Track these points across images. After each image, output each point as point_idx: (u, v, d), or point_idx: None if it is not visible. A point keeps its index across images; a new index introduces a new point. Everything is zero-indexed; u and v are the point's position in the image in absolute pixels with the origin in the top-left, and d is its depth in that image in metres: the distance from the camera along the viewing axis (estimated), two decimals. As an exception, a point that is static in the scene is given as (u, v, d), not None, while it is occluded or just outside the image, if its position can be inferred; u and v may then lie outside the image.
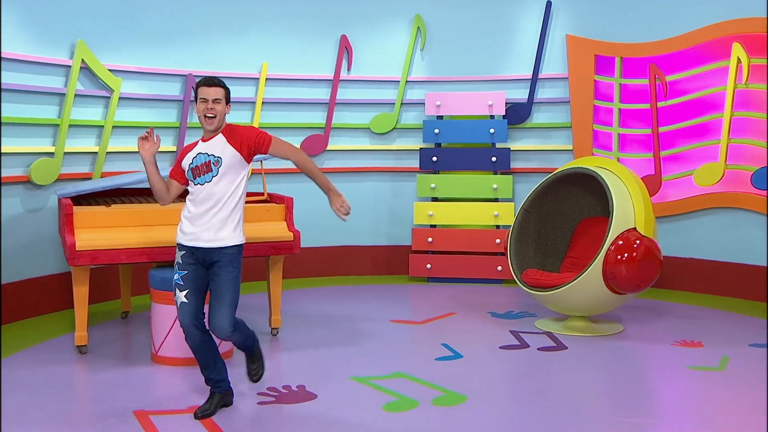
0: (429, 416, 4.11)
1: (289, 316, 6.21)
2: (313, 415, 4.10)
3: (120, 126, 6.85)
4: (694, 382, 4.76)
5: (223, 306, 4.00)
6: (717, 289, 7.15)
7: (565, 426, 3.98)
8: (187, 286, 4.06)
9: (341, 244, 8.12)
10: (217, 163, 4.05)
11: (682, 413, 4.25)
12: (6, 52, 5.91)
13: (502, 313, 6.40)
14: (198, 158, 4.09)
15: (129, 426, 3.92)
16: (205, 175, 4.06)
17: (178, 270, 4.10)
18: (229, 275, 4.04)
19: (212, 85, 4.05)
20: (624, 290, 5.50)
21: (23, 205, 6.21)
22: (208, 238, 4.03)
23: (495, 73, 7.93)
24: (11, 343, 5.47)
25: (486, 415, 4.12)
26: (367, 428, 3.94)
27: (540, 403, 4.34)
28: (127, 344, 5.53)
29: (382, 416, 4.10)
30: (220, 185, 4.06)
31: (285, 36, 7.72)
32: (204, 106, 4.04)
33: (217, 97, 4.04)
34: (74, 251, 4.92)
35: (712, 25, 6.94)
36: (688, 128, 7.23)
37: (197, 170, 4.07)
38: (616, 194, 5.59)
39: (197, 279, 4.09)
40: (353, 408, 4.22)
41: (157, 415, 4.08)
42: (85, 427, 3.99)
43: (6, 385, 4.55)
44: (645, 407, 4.30)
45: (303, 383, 4.59)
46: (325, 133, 7.89)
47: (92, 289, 6.50)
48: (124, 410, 4.14)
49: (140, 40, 6.99)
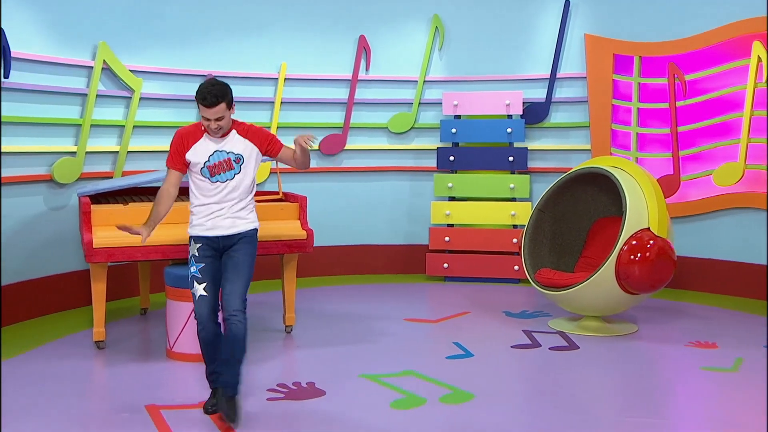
0: (435, 414, 4.14)
1: (303, 314, 6.27)
2: (320, 412, 4.16)
3: (141, 126, 6.97)
4: (706, 383, 4.74)
5: (240, 279, 4.06)
6: (736, 290, 7.09)
7: (572, 425, 4.00)
8: (205, 278, 4.10)
9: (359, 243, 8.17)
10: (239, 160, 4.14)
11: (692, 414, 4.24)
12: (29, 54, 6.04)
13: (516, 313, 6.41)
14: (215, 156, 4.12)
15: (140, 420, 4.01)
16: (226, 173, 4.13)
17: (195, 263, 4.13)
18: (247, 253, 4.15)
19: (211, 106, 3.99)
20: (637, 290, 5.48)
21: (46, 203, 6.35)
22: (228, 225, 4.13)
23: (513, 73, 7.93)
24: (32, 338, 5.61)
25: (492, 413, 4.15)
26: (373, 425, 3.98)
27: (547, 402, 4.36)
28: (143, 340, 5.63)
29: (389, 413, 4.14)
30: (245, 181, 4.17)
31: (304, 36, 7.79)
32: (208, 124, 4.06)
33: (219, 116, 4.03)
34: (91, 248, 5.03)
35: (732, 24, 6.89)
36: (707, 128, 7.18)
37: (215, 168, 4.12)
38: (629, 194, 5.58)
39: (214, 271, 4.14)
40: (361, 405, 4.27)
41: (167, 409, 4.16)
42: (97, 420, 4.09)
43: (24, 378, 4.67)
44: (654, 407, 4.29)
45: (313, 380, 4.64)
46: (344, 133, 7.95)
47: (113, 286, 6.63)
48: (136, 404, 4.23)
49: (161, 40, 7.10)
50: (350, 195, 8.11)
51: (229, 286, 4.06)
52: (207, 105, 3.99)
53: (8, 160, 5.94)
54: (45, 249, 6.32)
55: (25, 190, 6.15)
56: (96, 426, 4.00)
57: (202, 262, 4.12)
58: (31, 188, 6.22)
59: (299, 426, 4.03)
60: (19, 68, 5.97)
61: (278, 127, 7.72)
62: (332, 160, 8.01)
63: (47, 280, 6.34)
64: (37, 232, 6.26)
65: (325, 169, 7.99)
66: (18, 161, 6.06)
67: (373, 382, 4.63)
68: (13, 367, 4.89)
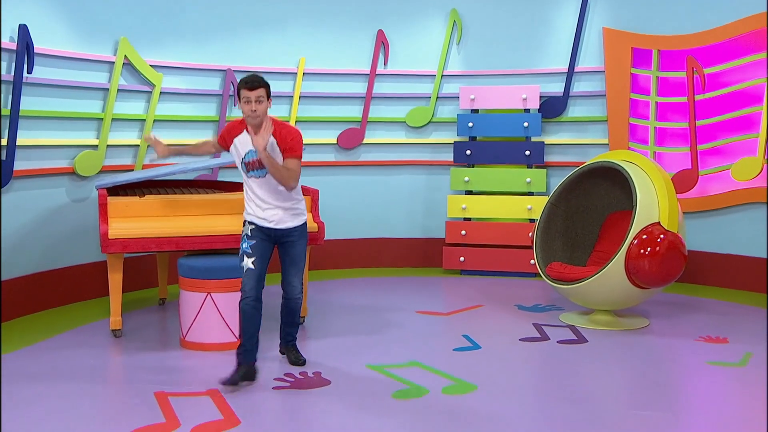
0: (436, 404, 4.20)
1: (318, 306, 6.37)
2: (323, 401, 4.24)
3: (161, 120, 7.11)
4: (710, 377, 4.73)
5: (299, 271, 4.65)
6: (754, 286, 7.02)
7: (574, 418, 4.03)
8: (254, 254, 4.46)
9: (377, 237, 8.25)
10: None
11: (694, 408, 4.25)
12: (53, 50, 6.20)
13: (529, 306, 6.44)
14: (250, 153, 4.46)
15: (148, 406, 4.12)
16: (259, 170, 4.46)
17: (247, 239, 4.49)
18: (302, 246, 4.63)
19: (254, 88, 4.32)
20: (647, 285, 5.48)
21: (68, 195, 6.51)
22: (278, 220, 4.50)
23: (531, 67, 7.93)
24: (53, 326, 5.77)
25: (493, 405, 4.20)
26: (374, 415, 4.06)
27: (550, 395, 4.40)
28: (159, 330, 5.76)
29: (390, 403, 4.21)
30: (273, 180, 4.46)
31: (322, 31, 7.87)
32: (248, 108, 4.33)
33: (259, 97, 4.33)
34: (106, 239, 5.17)
35: (751, 17, 6.82)
36: (726, 122, 7.13)
37: (251, 165, 4.47)
38: (640, 188, 5.57)
39: (263, 249, 4.50)
40: (363, 395, 4.34)
41: (176, 396, 4.27)
42: (106, 406, 4.21)
43: (42, 365, 4.83)
44: (657, 401, 4.29)
45: (319, 370, 4.73)
46: (362, 127, 8.02)
47: (133, 277, 6.83)
48: (146, 391, 4.34)
49: (181, 36, 7.23)
50: (368, 188, 8.18)
51: (290, 277, 4.65)
52: (249, 87, 4.30)
53: (32, 152, 6.11)
54: (67, 240, 6.48)
55: (48, 182, 6.32)
56: (105, 411, 4.13)
57: (253, 239, 4.49)
58: (54, 180, 6.39)
59: (301, 414, 4.11)
60: (43, 64, 6.12)
61: (297, 120, 7.81)
62: (350, 153, 8.09)
63: (69, 270, 6.50)
64: (59, 223, 6.42)
65: (343, 163, 8.07)
66: (41, 154, 6.22)
67: (379, 373, 4.70)
68: (32, 354, 5.06)
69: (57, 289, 6.38)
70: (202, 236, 5.36)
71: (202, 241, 5.37)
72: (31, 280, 6.16)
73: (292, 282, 4.66)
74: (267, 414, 4.07)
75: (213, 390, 4.36)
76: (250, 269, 4.44)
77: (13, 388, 4.38)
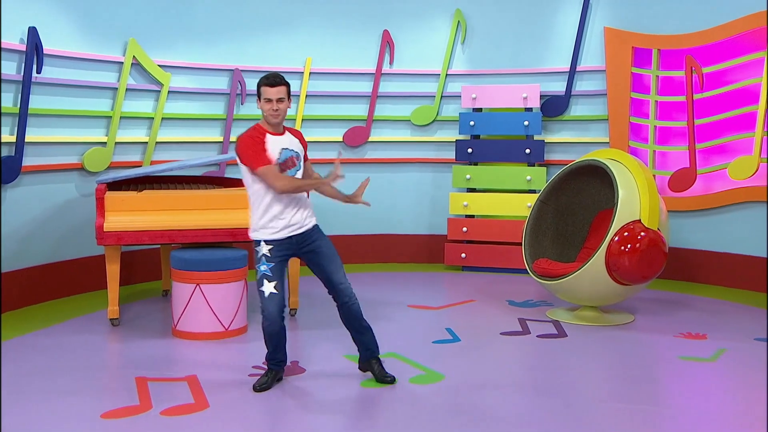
0: (401, 393, 4.35)
1: (315, 299, 6.53)
2: (292, 388, 4.43)
3: (169, 118, 7.37)
4: (677, 371, 4.80)
5: (340, 268, 4.41)
6: (750, 284, 7.02)
7: (533, 407, 4.15)
8: (275, 277, 4.29)
9: (384, 233, 8.41)
10: (298, 158, 4.37)
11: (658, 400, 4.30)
12: (63, 51, 6.50)
13: (520, 302, 6.54)
14: (284, 153, 4.29)
15: (126, 390, 4.35)
16: (291, 170, 4.31)
17: (266, 262, 4.29)
18: (330, 243, 4.44)
19: (275, 85, 4.20)
20: (627, 281, 5.56)
21: (77, 190, 6.80)
22: (301, 223, 4.34)
23: (534, 66, 8.01)
24: (58, 314, 6.07)
25: (453, 394, 4.34)
26: (338, 400, 4.24)
27: (511, 385, 4.52)
28: (156, 319, 6.00)
29: (358, 391, 4.38)
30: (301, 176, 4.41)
31: (328, 31, 8.06)
32: (269, 107, 4.22)
33: (280, 96, 4.22)
34: (102, 232, 5.43)
35: (749, 16, 6.82)
36: (724, 120, 7.13)
37: (285, 165, 4.28)
38: (623, 186, 5.65)
39: (283, 269, 4.37)
40: (334, 383, 4.51)
41: (155, 381, 4.50)
42: (86, 387, 4.42)
43: (39, 350, 5.12)
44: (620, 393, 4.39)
45: (298, 359, 4.92)
46: (367, 125, 8.19)
47: (140, 269, 7.10)
48: (129, 376, 4.58)
49: (189, 36, 7.49)
50: (373, 186, 8.14)
51: (335, 276, 4.38)
52: (271, 84, 4.20)
53: (42, 149, 6.42)
54: (76, 233, 6.77)
55: (58, 177, 6.62)
56: (85, 393, 4.33)
57: (272, 262, 4.29)
58: (64, 176, 6.69)
59: (267, 400, 4.27)
60: (54, 64, 6.42)
61: (303, 119, 8.01)
62: (356, 151, 8.27)
63: (77, 261, 6.80)
64: (68, 217, 6.72)
65: (349, 161, 8.23)
66: (52, 150, 6.53)
67: (354, 363, 4.85)
68: (31, 340, 5.35)
69: (65, 280, 6.68)
70: (195, 230, 5.60)
71: (194, 235, 5.60)
72: (40, 271, 6.46)
73: (340, 281, 4.39)
74: (236, 400, 4.26)
75: (191, 376, 4.58)
76: (273, 293, 4.28)
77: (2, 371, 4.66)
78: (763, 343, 5.32)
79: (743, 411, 4.12)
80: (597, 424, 3.92)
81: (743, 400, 4.31)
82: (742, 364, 4.89)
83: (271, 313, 4.30)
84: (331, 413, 4.09)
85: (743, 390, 4.49)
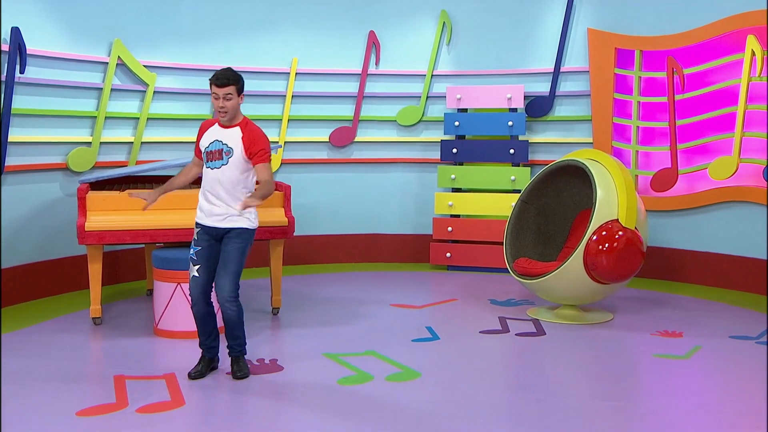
0: (377, 390, 4.39)
1: (299, 298, 6.61)
2: (268, 386, 4.46)
3: (155, 118, 7.40)
4: (650, 368, 4.85)
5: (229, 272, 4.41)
6: (730, 283, 7.09)
7: (506, 404, 4.20)
8: (199, 261, 4.48)
9: (368, 232, 8.45)
10: (228, 153, 4.40)
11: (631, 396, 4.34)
12: (47, 51, 6.53)
13: (502, 301, 6.59)
14: (214, 144, 4.43)
15: (104, 388, 4.38)
16: (215, 161, 4.42)
17: (194, 245, 4.51)
18: (236, 247, 4.44)
19: (222, 85, 4.32)
20: (605, 280, 5.60)
21: (62, 189, 6.83)
22: (218, 218, 4.44)
23: (519, 67, 8.06)
24: (41, 313, 6.10)
25: (429, 391, 4.38)
26: (312, 398, 4.27)
27: (485, 382, 4.56)
28: (138, 318, 6.02)
29: (333, 389, 4.42)
30: (227, 173, 4.41)
31: (314, 32, 8.10)
32: (216, 104, 4.37)
33: (227, 93, 4.33)
34: (83, 231, 5.46)
35: (729, 18, 6.88)
36: (705, 121, 7.19)
37: (211, 155, 4.43)
38: (601, 186, 5.70)
39: (210, 255, 4.49)
40: (310, 381, 4.54)
41: (133, 379, 4.53)
42: (63, 386, 4.44)
43: (22, 348, 5.14)
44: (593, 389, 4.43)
45: (276, 357, 4.95)
46: (353, 126, 8.23)
47: (125, 268, 7.13)
48: (107, 374, 4.61)
49: (174, 36, 7.52)
50: (360, 186, 8.39)
51: (218, 278, 4.45)
52: (218, 84, 4.33)
53: (27, 149, 6.45)
54: (60, 233, 6.80)
55: (42, 177, 6.65)
56: (61, 391, 4.34)
57: (198, 246, 4.49)
58: (48, 176, 6.72)
59: (243, 397, 4.29)
60: (38, 64, 6.45)
61: (289, 119, 8.05)
62: (342, 151, 8.31)
63: (61, 261, 6.83)
64: (53, 216, 6.75)
65: (336, 161, 8.29)
66: (36, 150, 6.56)
67: (332, 361, 4.91)
68: (10, 339, 5.36)
69: (49, 279, 6.71)
70: (175, 229, 5.64)
71: (176, 234, 5.64)
72: (24, 271, 6.49)
73: (221, 283, 4.44)
74: (212, 397, 4.30)
75: (170, 374, 4.61)
76: (195, 277, 4.49)
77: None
78: (738, 340, 5.37)
79: (716, 407, 4.17)
80: (572, 421, 3.96)
81: (716, 396, 4.36)
82: (716, 361, 4.95)
83: (193, 295, 4.51)
84: (308, 410, 4.12)
85: (716, 386, 4.54)
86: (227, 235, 4.46)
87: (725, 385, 4.55)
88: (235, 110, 4.42)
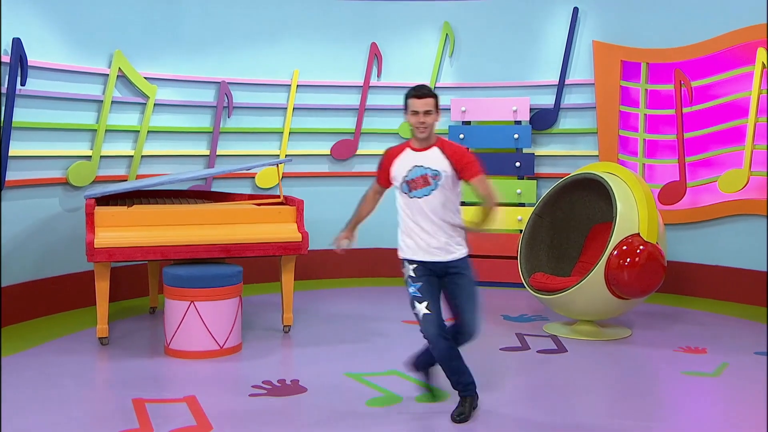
0: (408, 412, 4.26)
1: (308, 315, 6.45)
2: (294, 408, 4.32)
3: (155, 131, 7.23)
4: (682, 387, 4.76)
5: (476, 308, 4.11)
6: (740, 297, 7.05)
7: (542, 425, 4.08)
8: (425, 297, 4.06)
9: (371, 247, 8.30)
10: (436, 176, 4.00)
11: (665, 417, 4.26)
12: (47, 62, 6.34)
13: (515, 317, 6.49)
14: (414, 171, 4.04)
15: (124, 412, 4.20)
16: (421, 189, 4.03)
17: (412, 282, 4.09)
18: (470, 277, 4.12)
19: (422, 97, 3.96)
20: (626, 295, 5.53)
21: (62, 204, 6.63)
22: (439, 252, 4.05)
23: (523, 79, 8.00)
24: (45, 333, 5.89)
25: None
26: (343, 421, 4.12)
27: (520, 404, 4.45)
28: (145, 337, 5.84)
29: (363, 410, 4.28)
30: (439, 197, 4.03)
31: (316, 44, 7.98)
32: (416, 120, 3.97)
33: (427, 109, 3.96)
34: (92, 248, 5.27)
35: (737, 30, 6.87)
36: (713, 134, 7.17)
37: (414, 183, 4.03)
38: (621, 200, 5.63)
39: (432, 288, 4.09)
40: (337, 402, 4.41)
41: (153, 403, 4.35)
42: (82, 412, 4.28)
43: (30, 371, 4.93)
44: (627, 409, 4.33)
45: (298, 378, 4.80)
46: (355, 138, 8.11)
47: (126, 285, 6.93)
48: (124, 398, 4.43)
49: (175, 48, 7.36)
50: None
51: (466, 314, 4.10)
52: (418, 96, 3.96)
53: (26, 163, 6.24)
54: (60, 249, 6.60)
55: (42, 192, 6.45)
56: (81, 418, 4.18)
57: (419, 282, 4.08)
58: (48, 190, 6.52)
59: (271, 421, 4.15)
60: (38, 76, 6.27)
61: (290, 132, 7.91)
62: (344, 164, 8.18)
63: (62, 278, 6.62)
64: (52, 232, 6.54)
65: (337, 174, 8.16)
66: (36, 164, 6.36)
67: (356, 381, 4.77)
68: (19, 361, 5.15)
69: (49, 297, 6.49)
70: (188, 246, 5.46)
71: (188, 251, 5.46)
72: (24, 288, 6.27)
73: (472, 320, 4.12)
74: (239, 420, 4.14)
75: (190, 396, 4.44)
76: (427, 314, 4.04)
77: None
78: (763, 357, 5.31)
79: (754, 427, 4.08)
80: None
81: (752, 416, 4.27)
82: (746, 379, 4.86)
83: (430, 335, 4.07)
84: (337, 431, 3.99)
85: (751, 406, 4.45)
86: (453, 266, 4.07)
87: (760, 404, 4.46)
88: (433, 127, 4.02)
